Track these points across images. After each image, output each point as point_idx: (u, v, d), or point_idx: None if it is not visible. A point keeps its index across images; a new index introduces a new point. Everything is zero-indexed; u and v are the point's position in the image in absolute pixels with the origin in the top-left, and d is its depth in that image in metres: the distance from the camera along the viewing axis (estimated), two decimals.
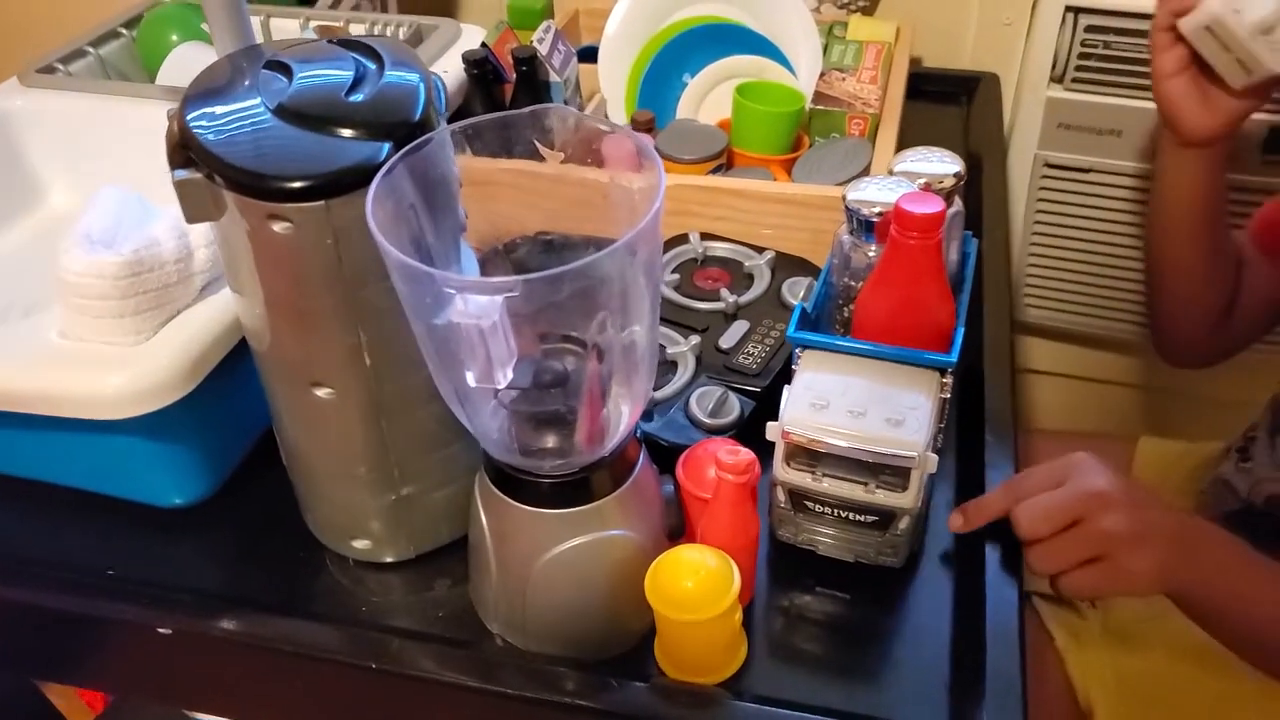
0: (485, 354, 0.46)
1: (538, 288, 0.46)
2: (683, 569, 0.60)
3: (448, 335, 0.48)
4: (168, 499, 0.74)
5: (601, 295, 0.52)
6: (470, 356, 0.47)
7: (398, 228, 0.54)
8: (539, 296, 0.47)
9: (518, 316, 0.50)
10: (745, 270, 0.87)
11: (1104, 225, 1.24)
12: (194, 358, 0.66)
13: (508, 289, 0.45)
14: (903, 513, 0.64)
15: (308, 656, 0.64)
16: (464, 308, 0.45)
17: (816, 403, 0.64)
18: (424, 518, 0.69)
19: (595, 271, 0.47)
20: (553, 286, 0.46)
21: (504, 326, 0.46)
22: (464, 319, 0.45)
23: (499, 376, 0.47)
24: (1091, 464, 0.67)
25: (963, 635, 0.65)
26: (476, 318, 0.44)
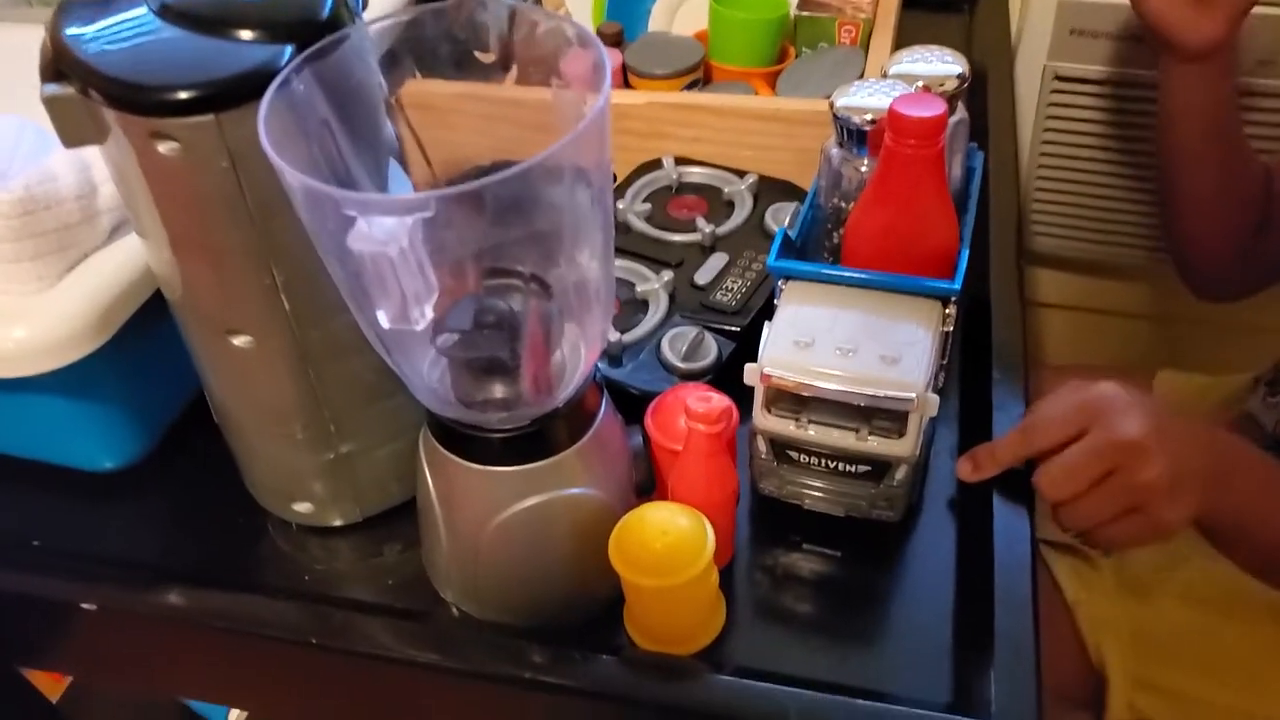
0: (398, 288, 0.39)
1: (456, 206, 0.38)
2: (650, 529, 0.53)
3: (358, 269, 0.41)
4: (96, 462, 0.68)
5: (541, 219, 0.44)
6: (381, 292, 0.39)
7: (305, 147, 0.46)
8: (461, 218, 0.40)
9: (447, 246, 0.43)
10: (724, 197, 0.80)
11: (1119, 144, 1.15)
12: (104, 307, 0.59)
13: (419, 207, 0.38)
14: (900, 462, 0.57)
15: (244, 632, 0.58)
16: (367, 232, 0.37)
17: (800, 340, 0.57)
18: (369, 477, 0.62)
19: (526, 186, 0.40)
20: (474, 205, 0.39)
21: (418, 254, 0.39)
22: (367, 245, 0.37)
23: (415, 315, 0.40)
24: (1116, 404, 0.59)
25: (968, 596, 0.59)
26: (382, 243, 0.37)
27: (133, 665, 0.67)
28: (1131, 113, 1.12)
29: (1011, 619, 0.54)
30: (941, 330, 0.59)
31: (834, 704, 0.51)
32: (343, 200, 0.39)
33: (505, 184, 0.38)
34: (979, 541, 0.59)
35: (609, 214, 0.49)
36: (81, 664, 0.71)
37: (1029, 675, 0.52)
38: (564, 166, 0.42)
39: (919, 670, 0.56)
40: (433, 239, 0.39)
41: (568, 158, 0.43)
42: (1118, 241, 1.24)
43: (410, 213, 0.38)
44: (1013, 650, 0.52)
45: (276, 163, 0.40)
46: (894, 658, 0.57)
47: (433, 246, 0.40)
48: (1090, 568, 0.93)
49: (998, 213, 0.81)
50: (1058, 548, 0.95)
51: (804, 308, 0.59)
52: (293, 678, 0.62)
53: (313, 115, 0.47)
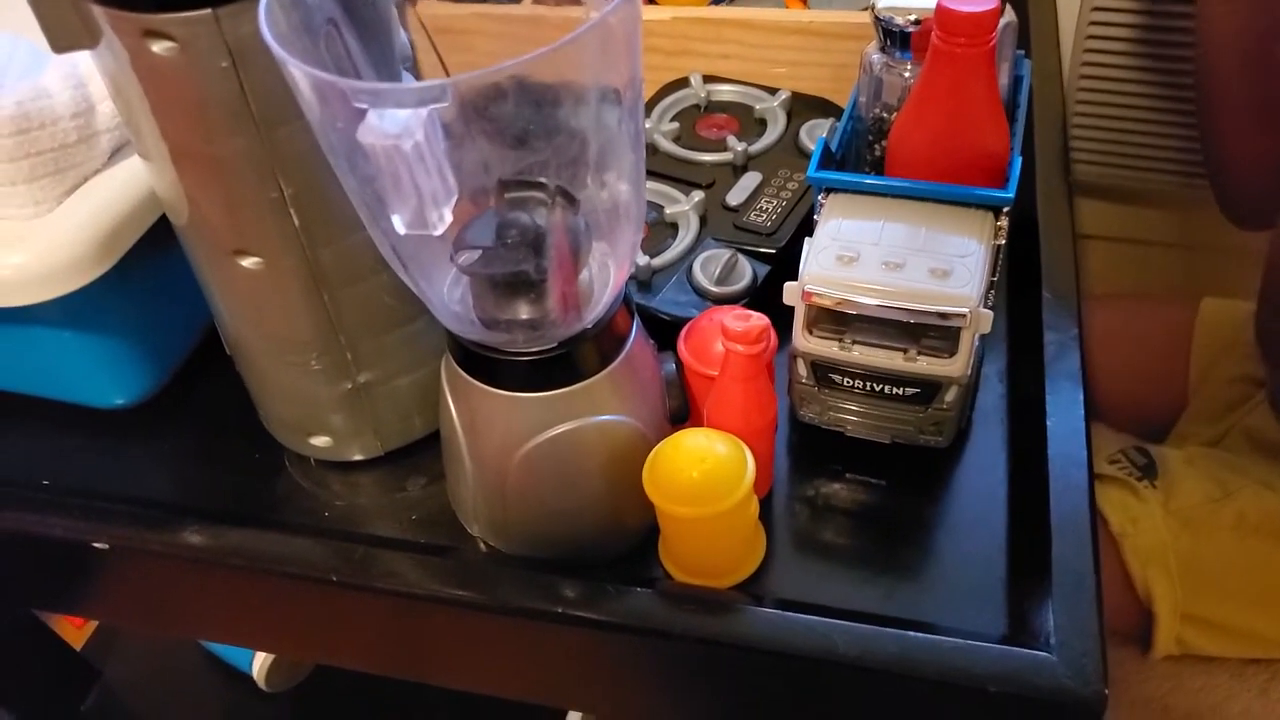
0: (414, 189, 0.35)
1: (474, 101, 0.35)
2: (686, 457, 0.50)
3: (371, 172, 0.38)
4: (107, 399, 0.65)
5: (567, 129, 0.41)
6: (396, 193, 0.36)
7: (311, 47, 0.43)
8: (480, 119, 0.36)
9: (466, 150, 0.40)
10: (756, 115, 0.75)
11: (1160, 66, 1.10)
12: (106, 231, 0.56)
13: (434, 97, 0.34)
14: (950, 383, 0.53)
15: (263, 570, 0.56)
16: (379, 125, 0.34)
17: (844, 255, 0.53)
18: (390, 409, 0.60)
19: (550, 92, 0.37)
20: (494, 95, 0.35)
21: (435, 151, 0.35)
22: (379, 139, 0.34)
23: (433, 218, 0.37)
24: None
25: (1021, 525, 0.56)
26: (395, 136, 0.34)
27: (149, 607, 0.65)
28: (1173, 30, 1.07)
29: (1070, 547, 0.51)
30: (994, 243, 0.55)
31: (884, 636, 0.48)
32: (352, 91, 0.36)
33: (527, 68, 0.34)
34: (1033, 467, 0.56)
35: (639, 116, 0.46)
36: (97, 606, 0.69)
37: (1090, 605, 0.49)
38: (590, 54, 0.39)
39: (972, 602, 0.53)
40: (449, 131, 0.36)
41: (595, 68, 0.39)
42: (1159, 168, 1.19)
43: (425, 103, 0.34)
44: (1072, 579, 0.49)
45: (279, 54, 0.37)
46: (944, 590, 0.54)
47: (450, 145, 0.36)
48: (1137, 499, 0.90)
49: (1043, 128, 0.77)
50: (1103, 480, 0.92)
51: (847, 221, 0.55)
52: (314, 617, 0.59)
53: (319, 12, 0.43)
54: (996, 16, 0.50)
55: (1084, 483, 0.54)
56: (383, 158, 0.35)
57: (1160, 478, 0.92)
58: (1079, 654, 0.46)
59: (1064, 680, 0.46)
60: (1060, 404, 0.57)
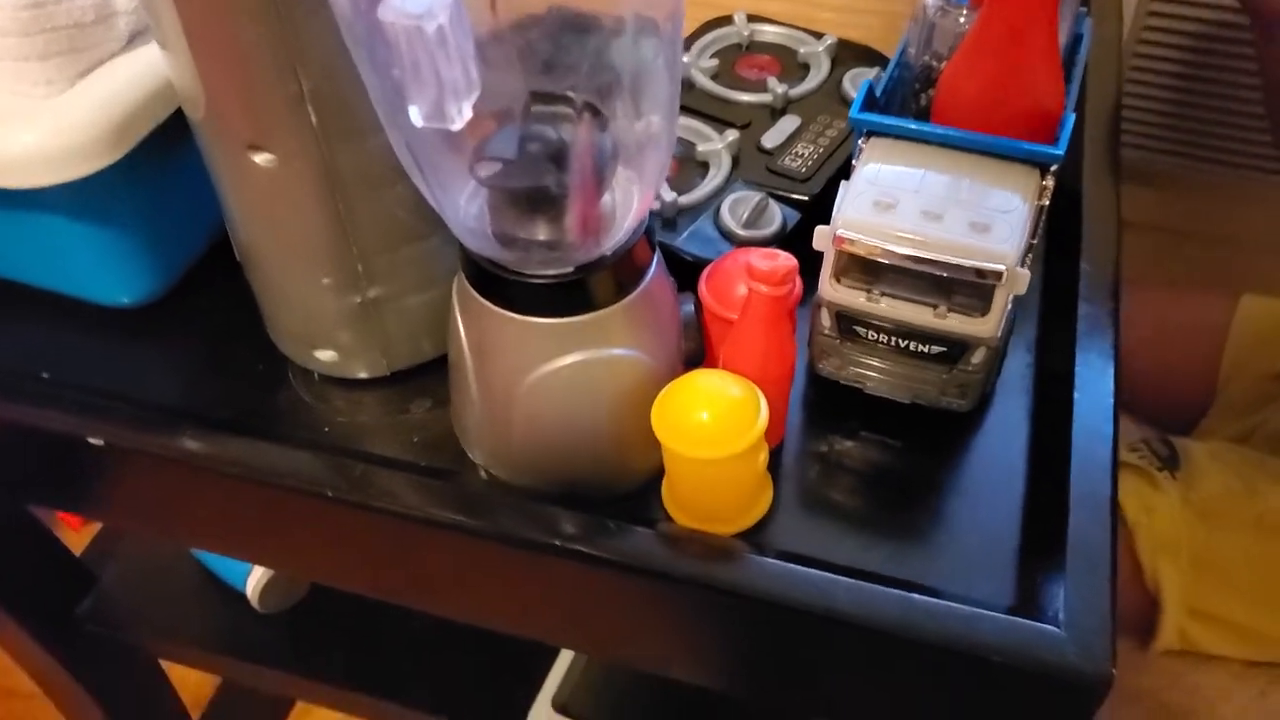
0: (434, 78, 0.33)
1: None
2: (698, 397, 0.48)
3: (390, 60, 0.36)
4: (113, 297, 0.64)
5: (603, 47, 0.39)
6: (415, 82, 0.34)
7: None
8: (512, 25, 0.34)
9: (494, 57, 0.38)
10: (799, 59, 0.73)
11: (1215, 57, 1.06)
12: (120, 116, 0.55)
13: None
14: (979, 343, 0.51)
15: (259, 481, 0.54)
16: (401, 4, 0.32)
17: (882, 200, 0.51)
18: (399, 327, 0.58)
19: None
20: None
21: (459, 40, 0.33)
22: (400, 18, 0.32)
23: (452, 111, 0.35)
24: None
25: (1039, 497, 0.54)
26: (416, 16, 0.32)
27: (143, 509, 0.64)
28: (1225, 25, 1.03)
29: (1088, 523, 0.49)
30: (1038, 203, 0.53)
31: (887, 595, 0.47)
32: None
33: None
34: (1055, 440, 0.54)
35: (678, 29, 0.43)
36: (92, 506, 0.68)
37: (1104, 583, 0.47)
38: None
39: (981, 572, 0.51)
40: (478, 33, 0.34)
41: None
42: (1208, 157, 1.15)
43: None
44: (1088, 556, 0.47)
45: None
46: (954, 557, 0.52)
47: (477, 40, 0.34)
48: (1154, 489, 0.88)
49: (1096, 95, 0.74)
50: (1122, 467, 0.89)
51: (886, 167, 0.53)
52: (308, 533, 0.58)
53: None
54: None
55: (1107, 460, 0.52)
56: (403, 40, 0.33)
57: (1182, 469, 0.90)
58: (1089, 632, 0.45)
59: (1071, 657, 0.44)
60: (1090, 378, 0.55)
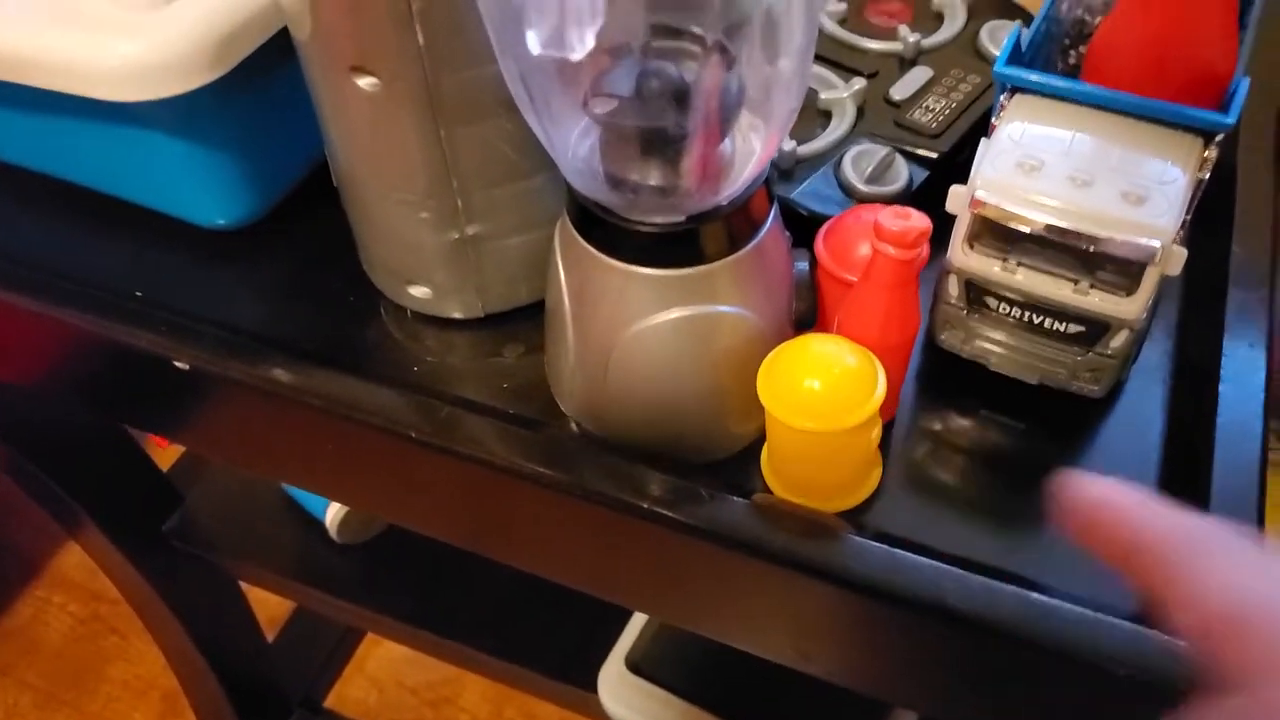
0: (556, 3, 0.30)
1: None
2: (810, 363, 0.45)
3: None
4: (208, 217, 0.63)
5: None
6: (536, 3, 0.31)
7: None
8: None
9: None
10: (934, 6, 0.68)
11: None
12: (223, 33, 0.53)
13: None
14: (1122, 325, 0.47)
15: (343, 416, 0.53)
16: None
17: (1026, 161, 0.46)
18: (496, 268, 0.56)
19: None
20: None
21: None
22: None
23: (573, 39, 0.32)
24: None
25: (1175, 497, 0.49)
26: None
27: (226, 437, 0.64)
28: None
29: None
30: (1199, 176, 0.48)
31: (1002, 592, 0.43)
32: None
33: None
34: (1197, 435, 0.49)
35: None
36: (177, 429, 0.67)
37: None
38: None
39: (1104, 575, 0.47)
40: None
41: None
42: None
43: None
44: None
45: None
46: (1073, 553, 0.48)
47: None
48: None
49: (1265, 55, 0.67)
50: None
51: (1033, 126, 0.48)
52: (389, 472, 0.57)
53: None
54: None
55: (1255, 459, 0.47)
56: None
57: None
58: None
59: None
60: (1237, 370, 0.51)
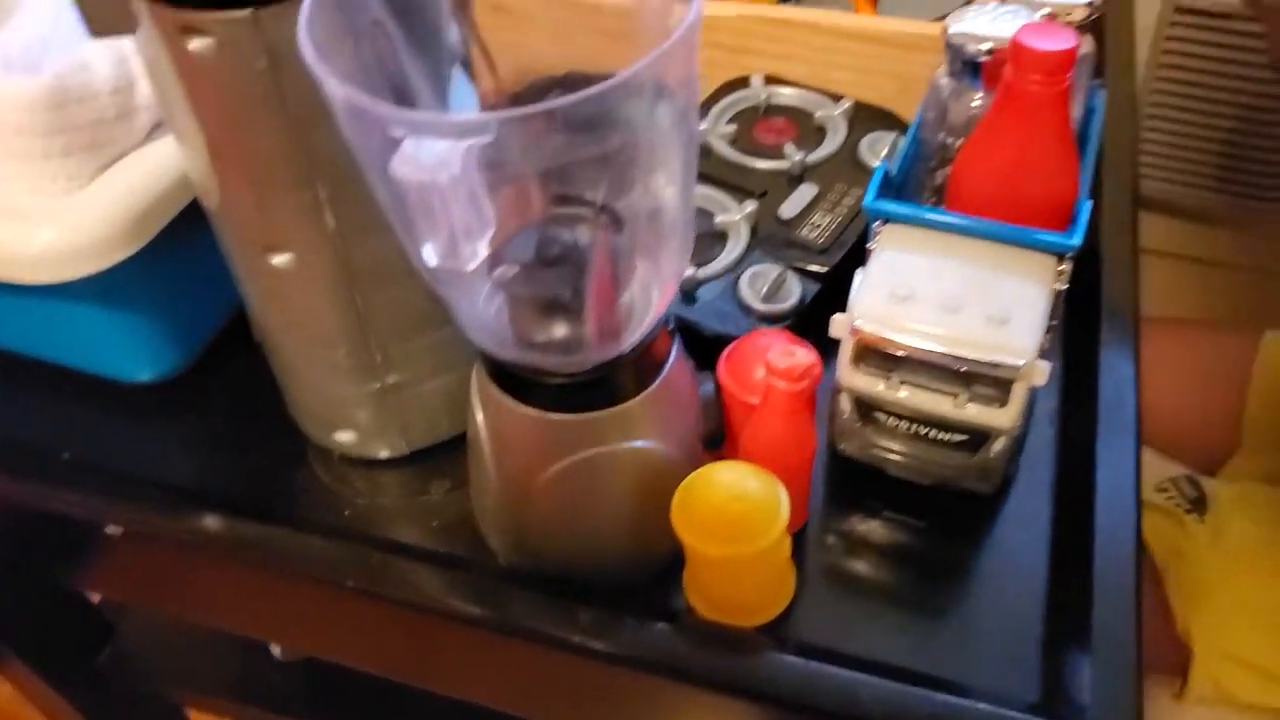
0: (447, 221, 0.34)
1: (520, 130, 0.33)
2: (718, 493, 0.48)
3: (403, 196, 0.36)
4: (132, 374, 0.65)
5: (617, 143, 0.39)
6: (428, 226, 0.34)
7: (352, 49, 0.41)
8: (524, 142, 0.34)
9: (506, 173, 0.38)
10: (816, 122, 0.73)
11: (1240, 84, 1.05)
12: (139, 211, 0.55)
13: (477, 130, 0.32)
14: (999, 433, 0.51)
15: (277, 568, 0.55)
16: (414, 156, 0.32)
17: (898, 292, 0.51)
18: (417, 410, 0.58)
19: (599, 109, 0.34)
20: (541, 129, 0.33)
21: (472, 184, 0.33)
22: (413, 173, 0.32)
23: (467, 254, 0.35)
24: None
25: (1063, 581, 0.53)
26: (430, 170, 0.32)
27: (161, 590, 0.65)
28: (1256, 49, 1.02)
29: (1112, 614, 0.48)
30: (1055, 287, 0.52)
31: (911, 696, 0.46)
32: (389, 119, 0.34)
33: (580, 106, 0.32)
34: (1078, 522, 0.53)
35: (693, 140, 0.43)
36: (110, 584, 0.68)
37: (1129, 678, 0.46)
38: (645, 84, 0.36)
39: (1006, 662, 0.51)
40: (490, 165, 0.34)
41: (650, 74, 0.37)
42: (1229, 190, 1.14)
43: (467, 136, 0.32)
44: (1113, 649, 0.47)
45: (317, 71, 0.35)
46: (978, 644, 0.52)
47: (490, 175, 0.34)
48: (1182, 533, 0.87)
49: (1113, 155, 0.73)
50: (1150, 509, 0.89)
51: (903, 254, 0.53)
52: (324, 616, 0.59)
53: (363, 14, 0.41)
54: (1074, 56, 0.47)
55: (1131, 546, 0.51)
56: (416, 191, 0.33)
57: (1210, 512, 0.89)
58: None
59: None
60: (1111, 458, 0.55)
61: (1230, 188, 1.15)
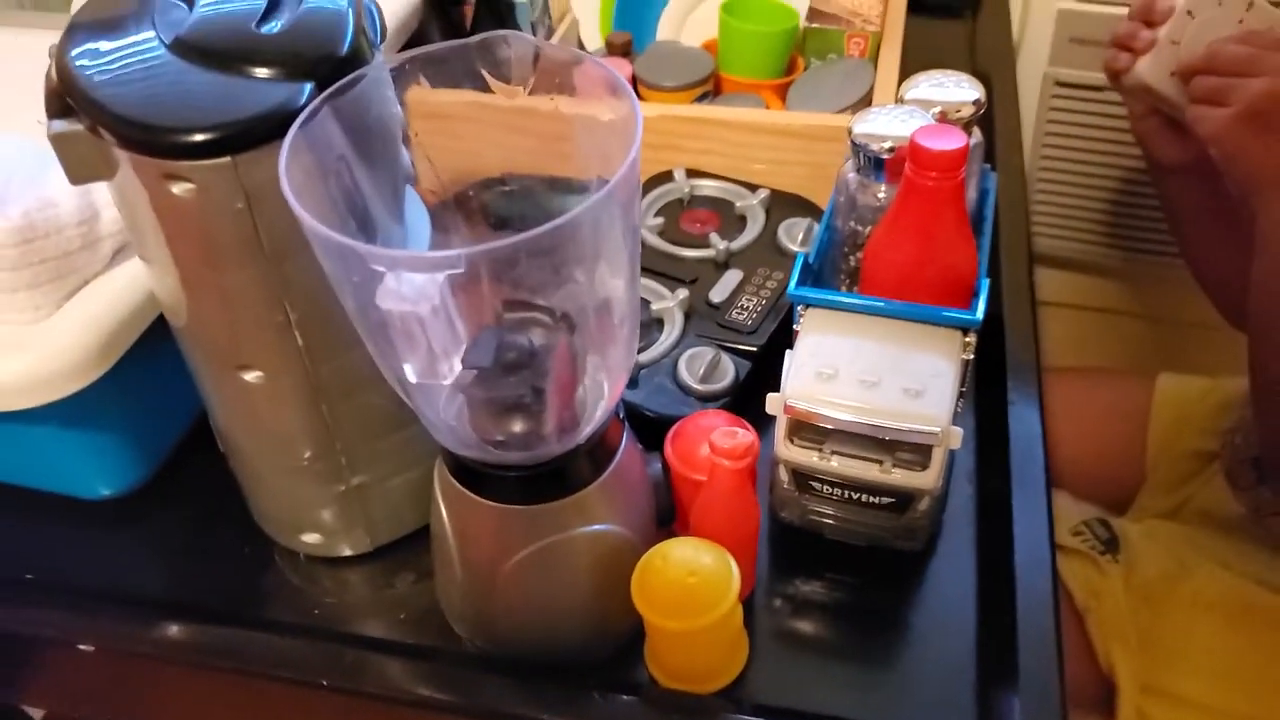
0: (426, 344, 0.37)
1: (488, 260, 0.37)
2: (673, 570, 0.52)
3: (383, 320, 0.40)
4: (93, 490, 0.66)
5: (570, 257, 0.43)
6: (409, 348, 0.38)
7: (322, 185, 0.45)
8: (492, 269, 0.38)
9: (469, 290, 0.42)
10: (736, 211, 0.78)
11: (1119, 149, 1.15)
12: (105, 336, 0.58)
13: (449, 265, 0.36)
14: (922, 494, 0.56)
15: (252, 673, 0.57)
16: (397, 289, 0.36)
17: (823, 371, 0.56)
18: (382, 506, 0.61)
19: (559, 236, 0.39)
20: (507, 257, 0.37)
21: (447, 309, 0.37)
22: (398, 305, 0.36)
23: (444, 370, 0.39)
24: None
25: (990, 626, 0.58)
26: (412, 302, 0.36)
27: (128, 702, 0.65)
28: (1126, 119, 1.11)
29: (1036, 658, 0.53)
30: (963, 359, 0.58)
31: None
32: (369, 256, 0.38)
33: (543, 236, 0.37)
34: (1000, 570, 0.58)
35: (636, 243, 0.48)
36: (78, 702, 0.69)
37: (1054, 712, 0.51)
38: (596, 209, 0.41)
39: (944, 704, 0.55)
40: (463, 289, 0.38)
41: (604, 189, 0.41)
42: (1117, 244, 1.23)
43: (439, 270, 0.36)
44: (1038, 691, 0.52)
45: (300, 214, 0.39)
46: (918, 691, 0.56)
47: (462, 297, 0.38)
48: (1099, 574, 0.93)
49: (1008, 226, 0.80)
50: (1066, 552, 0.95)
51: (826, 337, 0.58)
52: (300, 714, 0.60)
53: (330, 152, 0.45)
54: (965, 154, 0.53)
55: (1048, 590, 0.56)
56: (399, 320, 0.37)
57: (1122, 552, 0.95)
58: None
59: None
60: (1026, 510, 0.60)
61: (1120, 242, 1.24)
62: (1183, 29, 0.74)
